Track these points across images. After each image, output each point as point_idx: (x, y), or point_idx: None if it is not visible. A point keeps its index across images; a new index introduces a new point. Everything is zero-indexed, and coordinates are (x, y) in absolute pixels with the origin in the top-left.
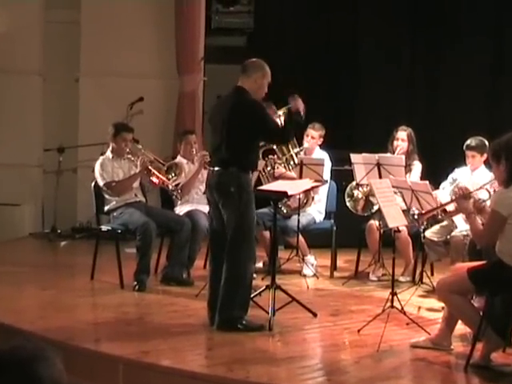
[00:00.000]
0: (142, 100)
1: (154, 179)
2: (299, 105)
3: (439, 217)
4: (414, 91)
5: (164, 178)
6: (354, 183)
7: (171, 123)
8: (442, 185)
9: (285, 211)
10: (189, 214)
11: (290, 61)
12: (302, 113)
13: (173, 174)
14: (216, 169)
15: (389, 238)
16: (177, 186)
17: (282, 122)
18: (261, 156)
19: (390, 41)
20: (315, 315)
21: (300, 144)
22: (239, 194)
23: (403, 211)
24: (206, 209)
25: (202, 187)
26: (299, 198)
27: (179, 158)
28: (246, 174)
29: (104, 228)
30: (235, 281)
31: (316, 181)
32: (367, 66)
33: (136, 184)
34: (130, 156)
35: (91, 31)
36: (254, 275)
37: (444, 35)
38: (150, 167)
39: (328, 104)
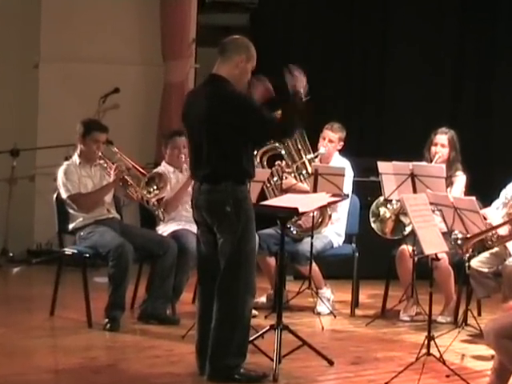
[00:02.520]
0: (118, 92)
1: (132, 192)
2: (297, 81)
3: (489, 242)
4: (457, 86)
5: (143, 192)
6: (381, 199)
7: (154, 121)
8: (495, 204)
9: (295, 232)
10: (175, 234)
11: (303, 45)
12: (301, 91)
13: (154, 187)
14: (203, 185)
15: (425, 268)
16: (159, 201)
17: None
18: (265, 163)
19: (426, 27)
20: (331, 363)
21: (314, 149)
22: (237, 214)
23: (443, 234)
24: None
25: None
26: (313, 217)
27: (164, 166)
28: (242, 186)
29: (68, 251)
30: (230, 320)
31: (334, 195)
32: (398, 52)
33: (109, 197)
34: (102, 162)
35: (54, 5)
36: (255, 312)
37: (494, 25)
38: (126, 177)
39: (349, 100)
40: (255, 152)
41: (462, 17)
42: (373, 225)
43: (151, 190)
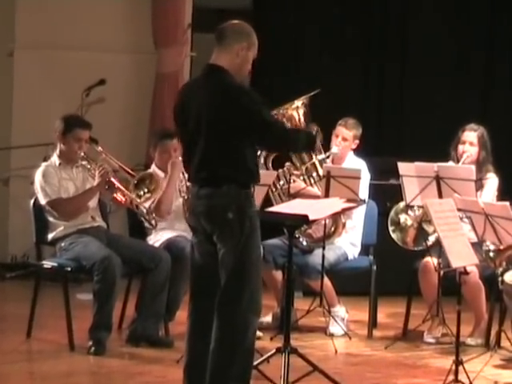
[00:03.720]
0: (104, 83)
1: (120, 196)
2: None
3: None
4: (486, 78)
5: (133, 196)
6: (402, 204)
7: (145, 117)
8: None
9: (304, 243)
10: (170, 243)
11: (314, 32)
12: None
13: (145, 190)
14: (202, 189)
15: (452, 283)
16: (151, 207)
17: (301, 116)
18: (271, 165)
19: (451, 14)
20: None
21: (326, 148)
22: (240, 221)
23: (472, 245)
24: None
25: None
26: (325, 225)
27: (154, 169)
28: (246, 190)
29: (47, 264)
30: (231, 342)
31: (349, 200)
32: (420, 40)
33: (93, 202)
34: (84, 162)
35: None
36: (260, 333)
37: None
38: (112, 179)
39: (365, 93)
40: (258, 152)
41: (492, 5)
42: (392, 234)
43: (141, 193)
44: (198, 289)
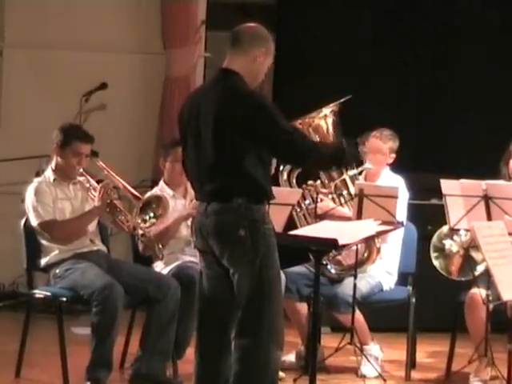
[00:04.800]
0: (105, 88)
1: (122, 220)
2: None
3: None
4: None
5: (137, 221)
6: (445, 228)
7: (152, 126)
8: None
9: (333, 271)
10: (179, 270)
11: (345, 31)
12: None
13: (151, 215)
14: (211, 205)
15: (502, 319)
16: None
17: (329, 126)
18: (295, 182)
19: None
20: None
21: (359, 163)
22: (253, 239)
23: None
24: None
25: None
26: (356, 251)
27: (162, 187)
28: (259, 205)
29: (39, 293)
30: (250, 377)
31: (384, 223)
32: (464, 41)
33: (93, 224)
34: (83, 179)
35: None
36: (282, 374)
37: None
38: (114, 200)
39: (404, 101)
40: (281, 167)
41: None
42: (435, 262)
43: (147, 217)
44: (207, 319)
